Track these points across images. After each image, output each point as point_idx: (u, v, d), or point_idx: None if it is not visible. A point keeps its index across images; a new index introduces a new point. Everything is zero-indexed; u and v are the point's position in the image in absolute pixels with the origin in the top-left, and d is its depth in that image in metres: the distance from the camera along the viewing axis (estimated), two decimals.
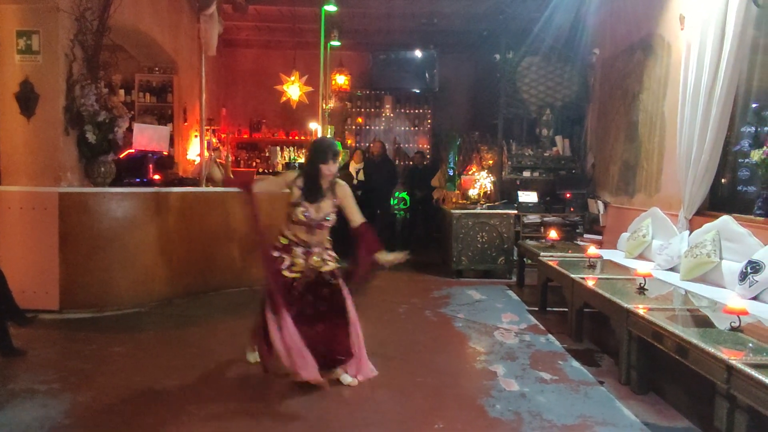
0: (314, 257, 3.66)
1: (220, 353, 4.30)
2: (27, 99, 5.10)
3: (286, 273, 3.59)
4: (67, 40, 5.16)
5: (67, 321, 5.00)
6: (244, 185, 3.84)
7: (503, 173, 8.37)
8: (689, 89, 5.04)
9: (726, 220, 4.48)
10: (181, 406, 3.34)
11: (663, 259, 5.12)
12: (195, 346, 4.47)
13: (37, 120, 5.14)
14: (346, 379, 3.64)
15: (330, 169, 3.53)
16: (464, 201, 8.00)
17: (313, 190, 3.58)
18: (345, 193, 3.69)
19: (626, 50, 6.88)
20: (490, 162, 8.70)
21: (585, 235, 7.52)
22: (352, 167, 9.25)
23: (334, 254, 3.76)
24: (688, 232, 5.04)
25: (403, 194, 10.73)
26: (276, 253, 3.63)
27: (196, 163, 8.32)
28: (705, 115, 4.81)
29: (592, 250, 5.41)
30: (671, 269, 5.00)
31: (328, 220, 3.63)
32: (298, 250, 3.64)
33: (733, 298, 3.20)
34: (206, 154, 7.53)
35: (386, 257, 3.60)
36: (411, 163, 10.88)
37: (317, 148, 3.63)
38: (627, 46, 6.85)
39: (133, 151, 6.12)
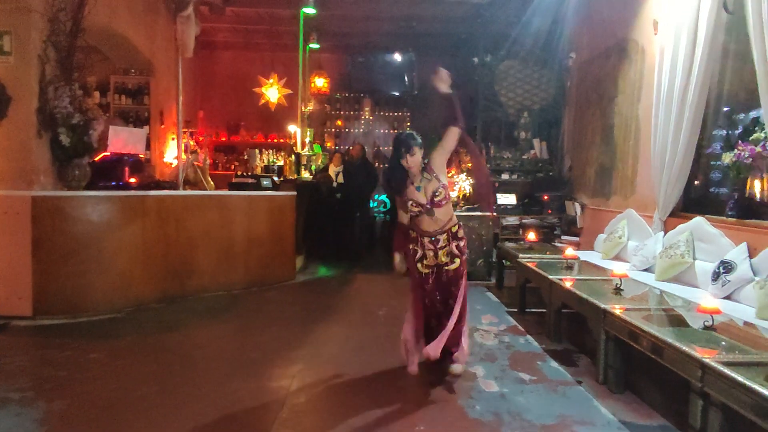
0: (442, 253, 3.78)
1: (198, 359, 4.25)
2: None
3: (419, 267, 3.80)
4: (40, 41, 5.06)
5: (40, 327, 4.89)
6: (400, 248, 3.96)
7: None
8: (663, 93, 5.14)
9: (699, 222, 4.57)
10: (158, 413, 3.30)
11: (638, 259, 5.20)
12: (172, 351, 4.41)
13: (9, 122, 5.03)
14: (457, 368, 3.85)
15: (408, 163, 3.68)
16: None
17: (404, 182, 3.75)
18: (437, 157, 3.81)
19: (602, 54, 6.98)
20: (469, 164, 8.75)
21: (563, 237, 7.61)
22: (332, 170, 9.23)
23: (463, 243, 3.84)
24: (662, 233, 5.14)
25: (383, 196, 10.73)
26: (411, 245, 3.83)
27: (173, 166, 8.22)
28: (678, 119, 4.90)
29: (570, 251, 5.48)
30: (646, 270, 5.08)
31: (438, 195, 3.70)
32: (426, 241, 3.78)
33: (706, 297, 3.27)
34: (183, 156, 7.44)
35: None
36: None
37: (393, 146, 3.81)
38: (603, 51, 6.96)
39: (108, 153, 6.02)
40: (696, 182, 5.15)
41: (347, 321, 5.38)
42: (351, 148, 9.77)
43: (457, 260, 3.81)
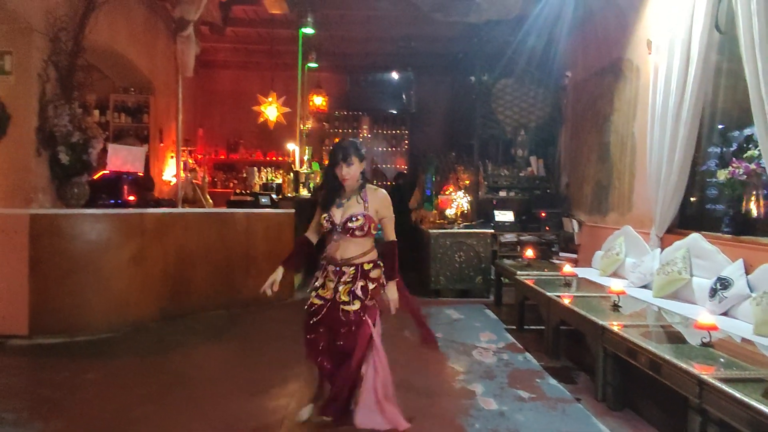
0: (343, 290, 3.16)
1: (197, 378, 4.23)
2: None
3: (312, 295, 3.25)
4: (41, 60, 5.12)
5: (36, 347, 4.87)
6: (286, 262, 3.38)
7: (480, 193, 8.47)
8: (657, 111, 5.19)
9: (695, 238, 4.59)
10: None
11: (636, 276, 5.21)
12: (170, 372, 4.39)
13: (8, 140, 5.06)
14: (304, 414, 3.34)
15: (342, 172, 3.12)
16: (441, 221, 8.05)
17: (331, 195, 3.22)
18: (378, 199, 3.23)
19: (597, 73, 7.06)
20: (467, 182, 8.79)
21: (560, 254, 7.62)
22: None
23: (373, 287, 3.20)
24: (659, 249, 5.15)
25: None
26: (315, 274, 3.32)
27: (172, 184, 8.24)
28: (673, 136, 4.94)
29: (568, 268, 5.48)
30: (644, 286, 5.08)
31: (354, 221, 3.10)
32: (330, 270, 3.23)
33: (703, 314, 3.27)
34: (182, 175, 7.47)
35: (391, 293, 3.26)
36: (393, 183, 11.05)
37: (330, 153, 3.30)
38: (598, 69, 7.04)
39: (107, 172, 6.04)
40: (692, 199, 5.18)
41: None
42: None
43: (357, 303, 3.14)
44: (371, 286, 3.19)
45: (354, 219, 3.11)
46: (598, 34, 7.06)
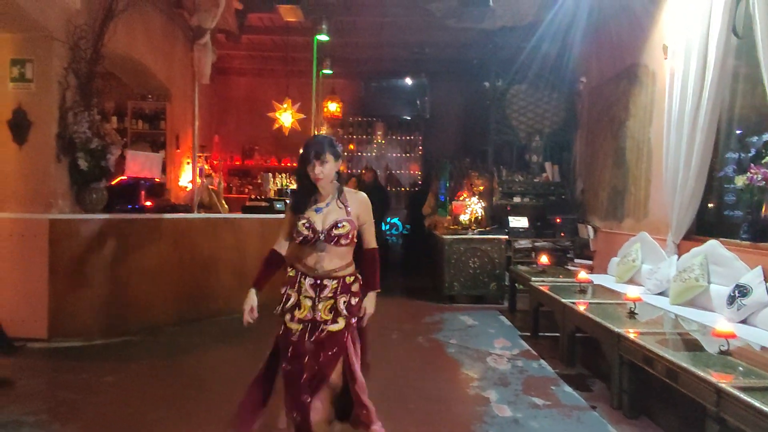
0: (324, 306, 2.74)
1: (212, 382, 4.26)
2: (19, 126, 5.12)
3: (286, 319, 2.77)
4: (61, 68, 5.21)
5: (55, 350, 4.94)
6: (258, 282, 2.91)
7: (494, 199, 8.44)
8: (674, 116, 5.15)
9: (713, 245, 4.54)
10: None
11: (652, 283, 5.16)
12: (186, 375, 4.43)
13: (29, 147, 5.15)
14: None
15: (315, 171, 2.71)
16: (455, 227, 8.04)
17: (305, 198, 2.81)
18: (359, 203, 2.86)
19: (612, 78, 7.02)
20: (481, 188, 8.77)
21: (576, 260, 7.56)
22: None
23: (356, 302, 2.80)
24: (676, 256, 5.10)
25: (395, 219, 10.79)
26: (283, 289, 2.82)
27: (188, 189, 8.33)
28: (690, 142, 4.90)
29: (583, 274, 5.44)
30: (661, 293, 5.03)
31: (339, 228, 2.72)
32: (307, 284, 2.76)
33: (721, 321, 3.23)
34: (198, 180, 7.55)
35: (370, 305, 2.87)
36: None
37: (302, 151, 2.83)
38: (613, 75, 7.00)
39: (125, 177, 6.12)
40: (710, 205, 5.12)
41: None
42: (363, 172, 9.84)
43: (342, 321, 2.73)
44: (354, 301, 2.79)
45: (339, 225, 2.72)
46: (612, 39, 7.03)
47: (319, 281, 2.75)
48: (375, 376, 4.31)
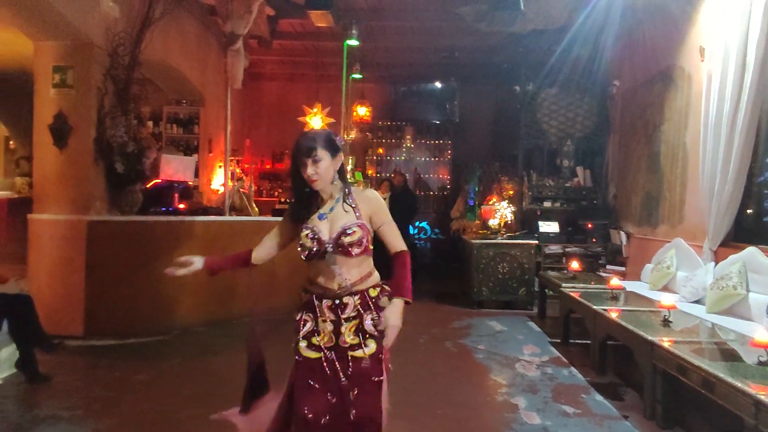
0: (348, 328, 2.32)
1: (240, 383, 4.30)
2: (60, 130, 5.28)
3: (302, 347, 2.35)
4: (100, 74, 5.36)
5: (91, 348, 5.07)
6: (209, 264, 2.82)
7: (524, 203, 8.36)
8: (711, 120, 5.03)
9: (752, 252, 4.40)
10: None
11: (688, 291, 5.03)
12: (215, 375, 4.49)
13: (69, 151, 5.31)
14: None
15: (308, 172, 2.31)
16: (484, 231, 7.99)
17: (302, 204, 2.42)
18: (369, 201, 2.41)
19: (646, 82, 6.89)
20: (511, 192, 8.70)
21: (608, 266, 7.43)
22: None
23: (380, 315, 2.33)
24: (713, 263, 4.96)
25: (424, 223, 10.78)
26: (297, 315, 2.43)
27: (220, 192, 8.47)
28: (728, 146, 4.78)
29: (615, 281, 5.34)
30: (697, 302, 4.90)
31: (349, 234, 2.29)
32: (325, 306, 2.34)
33: (760, 331, 3.13)
34: (230, 184, 7.67)
35: (393, 316, 2.31)
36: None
37: (292, 152, 2.41)
38: (647, 78, 6.87)
39: (159, 180, 6.26)
40: (748, 211, 4.98)
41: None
42: (392, 176, 9.86)
43: (372, 344, 2.30)
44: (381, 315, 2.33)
45: (349, 232, 2.29)
46: (646, 42, 6.90)
47: (338, 301, 2.31)
48: (403, 380, 4.31)
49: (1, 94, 7.67)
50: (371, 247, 2.40)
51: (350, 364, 2.28)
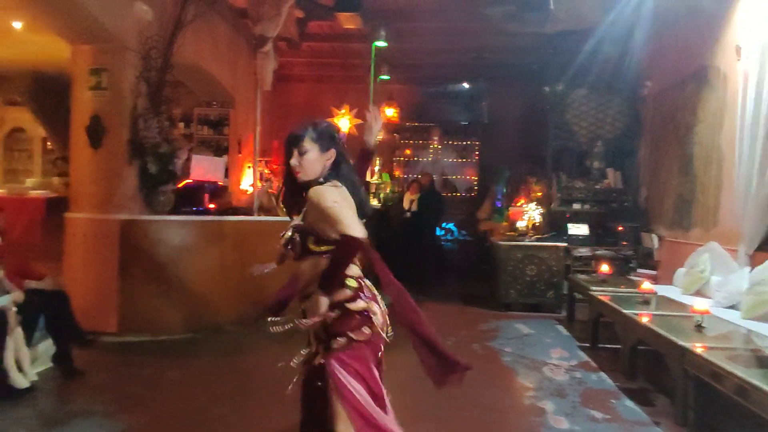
0: (312, 335, 2.33)
1: (269, 381, 4.36)
2: (95, 131, 5.41)
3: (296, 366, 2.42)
4: (133, 77, 5.48)
5: (124, 344, 5.18)
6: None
7: (552, 205, 8.26)
8: (747, 121, 4.90)
9: None
10: None
11: (722, 296, 4.91)
12: (244, 373, 4.56)
13: (104, 151, 5.44)
14: None
15: (292, 162, 2.26)
16: (512, 233, 7.92)
17: (289, 200, 2.42)
18: (311, 197, 2.22)
19: (679, 82, 6.75)
20: (539, 194, 8.61)
21: (638, 270, 7.29)
22: (407, 198, 9.33)
23: (336, 314, 2.22)
24: (749, 268, 4.83)
25: (451, 224, 10.75)
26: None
27: (249, 193, 8.58)
28: (765, 148, 4.65)
29: (646, 285, 5.25)
30: (731, 307, 4.78)
31: (289, 239, 2.29)
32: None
33: None
34: (259, 184, 7.76)
35: (315, 308, 2.19)
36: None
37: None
38: (680, 78, 6.73)
39: (190, 181, 6.37)
40: None
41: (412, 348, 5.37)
42: (420, 177, 9.85)
43: (322, 348, 2.26)
44: (333, 315, 2.20)
45: (289, 234, 2.29)
46: (679, 42, 6.76)
47: (302, 308, 2.30)
48: (429, 382, 4.30)
49: (40, 97, 7.92)
50: (317, 249, 2.25)
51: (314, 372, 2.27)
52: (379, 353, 2.32)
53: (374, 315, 2.26)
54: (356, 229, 2.08)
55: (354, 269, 2.30)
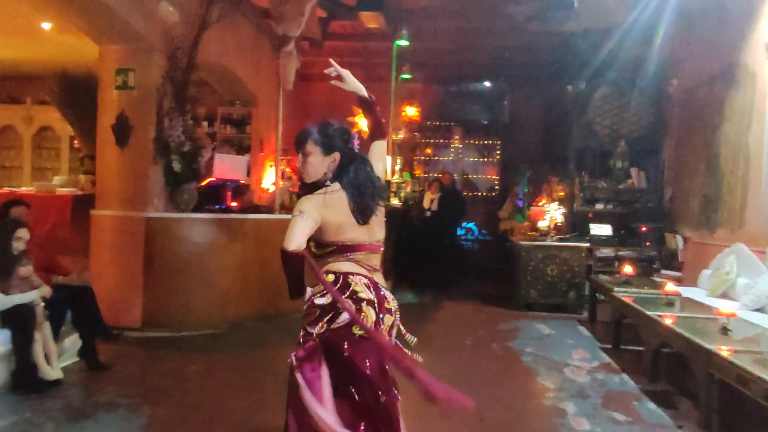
0: None
1: (286, 376, 4.40)
2: (122, 130, 5.52)
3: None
4: (159, 76, 5.57)
5: (148, 339, 5.28)
6: None
7: (574, 205, 8.18)
8: None
9: None
10: (251, 427, 3.45)
11: (749, 298, 4.82)
12: (265, 368, 4.60)
13: (130, 150, 5.54)
14: None
15: (297, 164, 2.43)
16: (533, 233, 7.86)
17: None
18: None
19: (706, 80, 6.64)
20: (561, 193, 8.53)
21: (662, 271, 7.18)
22: (427, 197, 9.32)
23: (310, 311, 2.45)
24: None
25: (471, 224, 10.71)
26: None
27: (270, 191, 8.65)
28: None
29: (670, 286, 5.17)
30: (758, 310, 4.69)
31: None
32: None
33: None
34: (280, 183, 7.83)
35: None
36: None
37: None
38: (707, 76, 6.62)
39: (213, 179, 6.45)
40: None
41: (432, 348, 5.35)
42: (441, 176, 9.83)
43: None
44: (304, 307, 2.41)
45: None
46: (705, 39, 6.64)
47: None
48: (448, 381, 4.29)
49: (68, 96, 8.08)
50: (316, 252, 2.42)
51: None
52: (380, 356, 2.35)
53: (339, 314, 2.30)
54: (290, 241, 2.17)
55: (354, 267, 2.37)
